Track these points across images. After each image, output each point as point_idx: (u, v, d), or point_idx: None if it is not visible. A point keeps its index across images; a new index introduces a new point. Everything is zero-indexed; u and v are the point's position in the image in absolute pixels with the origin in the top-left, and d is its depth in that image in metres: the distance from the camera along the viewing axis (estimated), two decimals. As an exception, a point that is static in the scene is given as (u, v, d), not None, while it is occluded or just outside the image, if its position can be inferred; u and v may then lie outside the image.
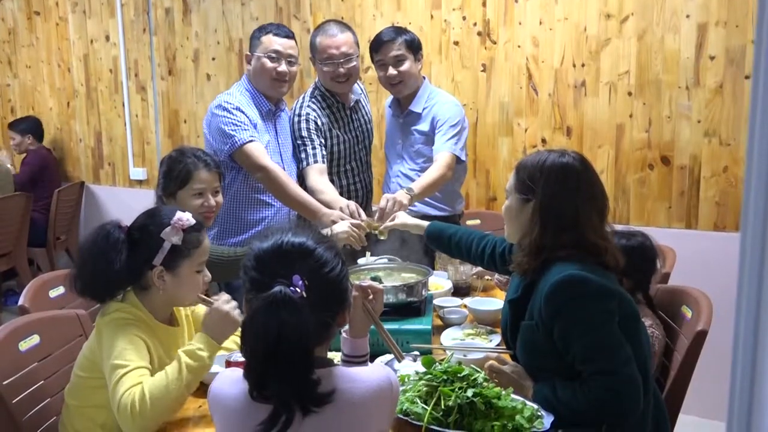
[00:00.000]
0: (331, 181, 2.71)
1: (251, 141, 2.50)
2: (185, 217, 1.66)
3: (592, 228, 1.62)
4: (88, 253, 1.64)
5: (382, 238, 2.45)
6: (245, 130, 2.51)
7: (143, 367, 1.55)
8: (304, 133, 2.71)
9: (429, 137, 2.82)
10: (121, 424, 1.50)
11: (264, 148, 2.54)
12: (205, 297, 1.74)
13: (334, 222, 2.34)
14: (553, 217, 1.62)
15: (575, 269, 1.57)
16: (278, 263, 1.23)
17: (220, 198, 2.24)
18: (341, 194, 2.75)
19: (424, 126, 2.83)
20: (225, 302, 1.65)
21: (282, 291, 1.16)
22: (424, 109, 2.83)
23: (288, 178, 2.54)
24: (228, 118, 2.52)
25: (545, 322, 1.58)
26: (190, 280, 1.68)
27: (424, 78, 2.91)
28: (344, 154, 2.83)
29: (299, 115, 2.74)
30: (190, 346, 1.58)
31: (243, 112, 2.55)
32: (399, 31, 2.81)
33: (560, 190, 1.63)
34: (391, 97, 2.98)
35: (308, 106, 2.76)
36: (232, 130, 2.50)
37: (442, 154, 2.70)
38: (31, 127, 4.89)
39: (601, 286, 1.56)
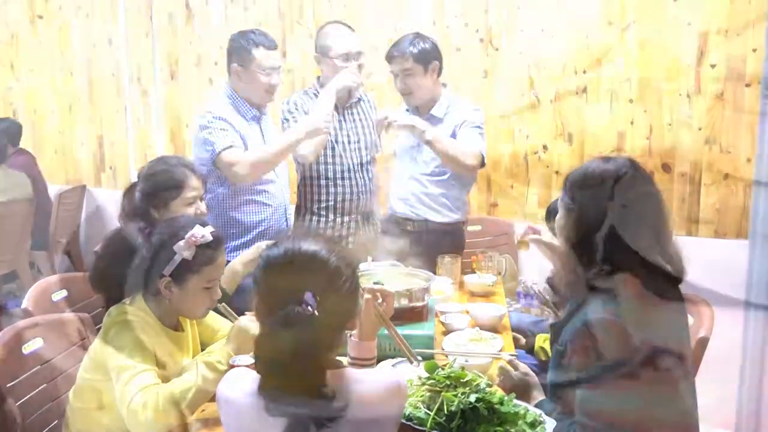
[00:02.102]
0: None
1: (229, 148, 2.51)
2: (200, 233, 1.65)
3: (636, 243, 1.45)
4: (104, 252, 1.66)
5: (522, 250, 2.30)
6: (225, 137, 2.52)
7: (150, 370, 1.56)
8: (287, 115, 2.77)
9: None
10: (129, 425, 1.51)
11: (241, 153, 2.54)
12: (230, 311, 1.74)
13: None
14: (586, 228, 1.49)
15: (611, 312, 1.43)
16: (290, 276, 1.23)
17: (204, 203, 2.18)
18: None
19: (444, 131, 2.82)
20: (250, 320, 1.62)
21: (295, 311, 1.16)
22: (445, 114, 2.84)
23: (260, 149, 2.61)
24: (208, 128, 2.54)
25: (568, 356, 1.50)
26: (196, 295, 1.68)
27: (444, 85, 2.90)
28: (329, 146, 2.79)
29: (286, 103, 2.81)
30: (210, 358, 1.58)
31: (225, 120, 2.55)
32: (414, 42, 2.77)
33: (594, 199, 1.49)
34: None
35: (297, 97, 2.82)
36: (214, 138, 2.52)
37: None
38: (1, 131, 4.59)
39: (632, 338, 1.40)
